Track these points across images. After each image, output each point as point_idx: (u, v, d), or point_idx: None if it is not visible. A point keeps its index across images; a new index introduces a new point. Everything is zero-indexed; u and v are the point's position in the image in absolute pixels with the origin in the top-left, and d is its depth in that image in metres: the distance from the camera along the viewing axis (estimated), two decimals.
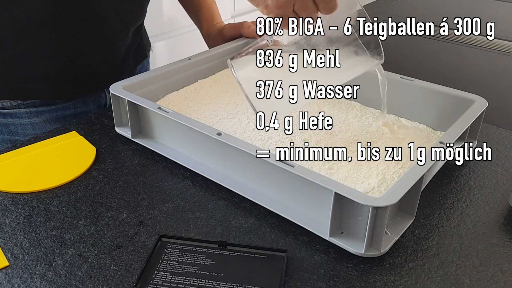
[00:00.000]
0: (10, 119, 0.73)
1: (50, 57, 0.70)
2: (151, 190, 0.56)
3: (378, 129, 0.63)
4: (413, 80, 0.65)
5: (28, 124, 0.74)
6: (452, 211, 0.53)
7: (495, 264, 0.46)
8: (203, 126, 0.55)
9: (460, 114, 0.58)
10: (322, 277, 0.44)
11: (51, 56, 0.70)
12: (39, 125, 0.74)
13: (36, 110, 0.73)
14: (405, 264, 0.46)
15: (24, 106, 0.73)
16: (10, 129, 0.74)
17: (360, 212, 0.45)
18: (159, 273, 0.44)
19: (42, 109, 0.74)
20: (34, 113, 0.73)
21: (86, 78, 0.75)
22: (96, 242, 0.48)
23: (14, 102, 0.72)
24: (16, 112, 0.73)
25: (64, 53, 0.71)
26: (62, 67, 0.72)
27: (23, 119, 0.73)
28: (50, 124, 0.75)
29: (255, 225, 0.51)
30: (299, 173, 0.47)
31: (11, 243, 0.48)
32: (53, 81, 0.72)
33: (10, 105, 0.72)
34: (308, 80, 0.54)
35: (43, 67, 0.71)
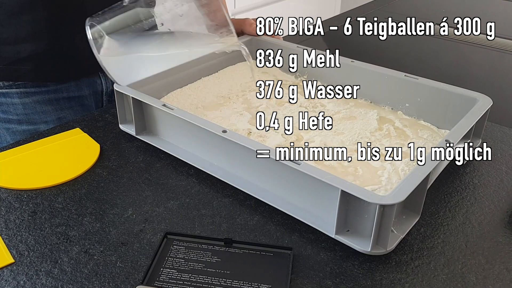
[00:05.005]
0: (3, 99, 0.75)
1: (34, 39, 0.72)
2: (156, 187, 0.55)
3: (381, 128, 0.63)
4: (417, 78, 0.65)
5: (19, 104, 0.76)
6: (457, 209, 0.53)
7: (501, 262, 0.46)
8: (208, 123, 0.55)
9: (464, 112, 0.58)
10: (328, 274, 0.44)
11: (35, 38, 0.72)
12: (29, 106, 0.76)
13: (26, 91, 0.75)
14: (411, 262, 0.46)
15: (16, 87, 0.75)
16: (4, 109, 0.76)
17: (367, 210, 0.45)
18: (165, 270, 0.44)
19: (32, 90, 0.76)
20: (25, 94, 0.75)
21: (72, 60, 0.77)
22: (101, 239, 0.48)
23: (6, 83, 0.74)
24: (8, 92, 0.75)
25: (47, 35, 0.73)
26: (46, 48, 0.73)
27: (14, 99, 0.75)
28: (41, 106, 0.77)
29: (261, 223, 0.50)
30: (305, 170, 0.47)
31: (16, 240, 0.48)
32: (38, 62, 0.74)
33: (3, 85, 0.74)
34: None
35: (28, 49, 0.73)
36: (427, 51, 1.02)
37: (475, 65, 0.96)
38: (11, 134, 0.77)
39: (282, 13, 2.38)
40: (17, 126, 0.76)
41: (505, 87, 0.86)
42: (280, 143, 0.59)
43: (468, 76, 0.91)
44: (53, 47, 0.74)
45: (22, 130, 0.76)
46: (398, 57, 1.00)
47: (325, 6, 2.64)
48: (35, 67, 0.74)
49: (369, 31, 1.13)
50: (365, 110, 0.67)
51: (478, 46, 1.04)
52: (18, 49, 0.72)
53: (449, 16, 1.24)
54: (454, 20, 1.20)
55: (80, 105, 0.80)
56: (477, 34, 1.11)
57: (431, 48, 1.03)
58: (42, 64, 0.74)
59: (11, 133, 0.77)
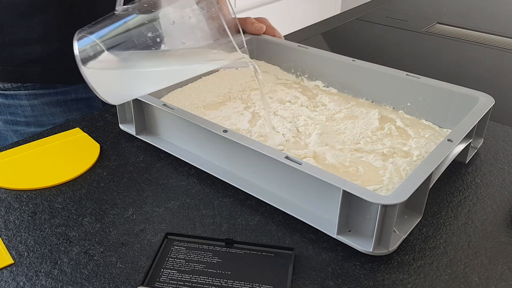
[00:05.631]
0: (11, 100, 0.75)
1: (44, 41, 0.72)
2: (156, 187, 0.55)
3: (382, 128, 0.62)
4: (419, 77, 0.64)
5: (27, 106, 0.75)
6: (459, 209, 0.53)
7: (504, 262, 0.46)
8: (209, 123, 0.54)
9: (466, 112, 0.57)
10: (330, 275, 0.44)
11: (45, 40, 0.72)
12: (38, 108, 0.76)
13: (35, 92, 0.75)
14: (413, 263, 0.46)
15: (24, 88, 0.74)
16: (12, 110, 0.76)
17: (369, 210, 0.45)
18: (165, 271, 0.44)
19: (41, 92, 0.75)
20: (33, 95, 0.75)
21: None
22: (101, 240, 0.48)
23: (15, 84, 0.74)
24: (17, 93, 0.74)
25: (57, 37, 0.72)
26: (56, 51, 0.73)
27: (22, 101, 0.75)
28: (49, 107, 0.76)
29: (262, 223, 0.50)
30: (306, 170, 0.46)
31: (15, 240, 0.48)
32: (49, 64, 0.74)
33: (11, 86, 0.74)
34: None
35: (39, 50, 0.72)
36: (429, 50, 1.01)
37: (477, 64, 0.96)
38: (19, 136, 0.76)
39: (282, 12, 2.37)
40: (25, 128, 0.76)
41: (507, 86, 0.85)
42: (281, 143, 0.59)
43: (470, 75, 0.91)
44: (63, 49, 0.73)
45: (30, 132, 0.76)
46: (400, 56, 1.00)
47: (325, 5, 2.64)
48: (44, 69, 0.74)
49: (369, 30, 1.13)
50: (366, 110, 0.67)
51: (480, 45, 1.03)
52: (28, 50, 0.72)
53: (450, 14, 1.24)
54: (455, 19, 1.19)
55: (88, 107, 0.80)
56: (479, 32, 1.11)
57: (432, 47, 1.03)
58: (51, 66, 0.74)
59: (19, 135, 0.76)
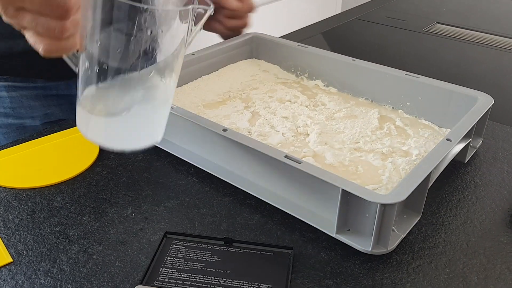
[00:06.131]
0: None
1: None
2: (156, 186, 0.55)
3: (381, 127, 0.63)
4: (418, 77, 0.64)
5: (6, 97, 0.76)
6: (458, 208, 0.53)
7: (502, 262, 0.46)
8: (208, 122, 0.54)
9: (465, 111, 0.57)
10: (329, 274, 0.44)
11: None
12: (16, 100, 0.76)
13: (14, 85, 0.75)
14: (412, 262, 0.46)
15: (4, 80, 0.75)
16: None
17: (368, 209, 0.45)
18: (164, 270, 0.44)
19: (20, 85, 0.76)
20: (13, 87, 0.76)
21: (62, 60, 0.77)
22: (100, 239, 0.48)
23: None
24: None
25: None
26: None
27: (1, 92, 0.75)
28: (28, 101, 0.77)
29: (261, 222, 0.50)
30: (306, 169, 0.46)
31: (14, 239, 0.48)
32: (31, 59, 0.74)
33: None
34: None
35: (21, 44, 0.71)
36: (428, 49, 1.01)
37: (476, 63, 0.96)
38: None
39: (282, 11, 2.37)
40: (3, 119, 0.77)
41: (507, 86, 0.85)
42: (281, 142, 0.59)
43: (469, 75, 0.91)
44: None
45: (9, 123, 0.77)
46: (399, 56, 1.00)
47: (326, 5, 2.64)
48: (27, 63, 0.74)
49: (369, 30, 1.13)
50: (365, 109, 0.67)
51: (479, 45, 1.03)
52: (11, 44, 0.72)
53: (450, 14, 1.24)
54: (455, 19, 1.19)
55: (69, 104, 0.80)
56: (478, 32, 1.11)
57: (432, 47, 1.03)
58: (34, 61, 0.74)
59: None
